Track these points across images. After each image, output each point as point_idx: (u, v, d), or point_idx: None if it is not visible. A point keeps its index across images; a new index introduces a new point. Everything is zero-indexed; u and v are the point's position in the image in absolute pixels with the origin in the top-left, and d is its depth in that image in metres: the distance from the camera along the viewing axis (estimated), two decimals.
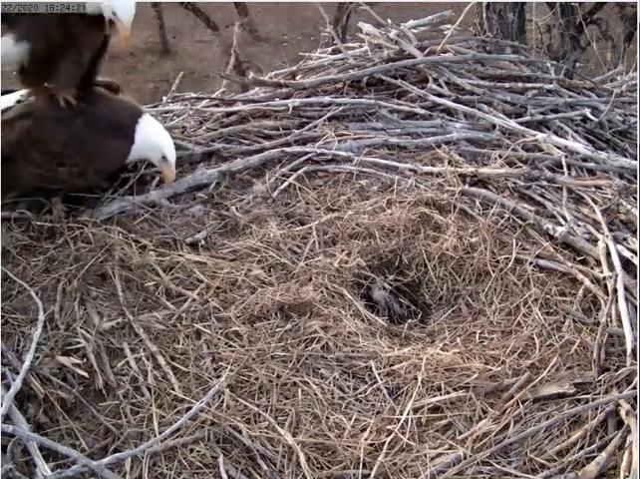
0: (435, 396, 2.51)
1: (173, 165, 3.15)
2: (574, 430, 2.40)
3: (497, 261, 3.07)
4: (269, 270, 2.98)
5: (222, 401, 2.42)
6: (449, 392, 2.52)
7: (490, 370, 2.60)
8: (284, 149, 3.63)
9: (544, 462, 2.30)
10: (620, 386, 2.51)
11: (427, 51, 4.37)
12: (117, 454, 2.19)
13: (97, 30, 2.93)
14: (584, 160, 3.72)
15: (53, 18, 2.84)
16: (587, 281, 2.97)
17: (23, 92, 3.10)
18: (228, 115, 3.95)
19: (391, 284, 3.08)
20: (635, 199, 3.35)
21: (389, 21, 4.81)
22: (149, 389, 2.47)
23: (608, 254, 3.03)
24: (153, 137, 3.13)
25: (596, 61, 7.36)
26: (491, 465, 2.29)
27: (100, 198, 3.20)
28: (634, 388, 2.45)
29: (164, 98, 4.22)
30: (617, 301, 2.81)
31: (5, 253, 2.87)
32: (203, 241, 3.08)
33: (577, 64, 7.00)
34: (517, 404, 2.47)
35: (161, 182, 3.28)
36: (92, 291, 2.79)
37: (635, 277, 2.91)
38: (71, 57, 2.96)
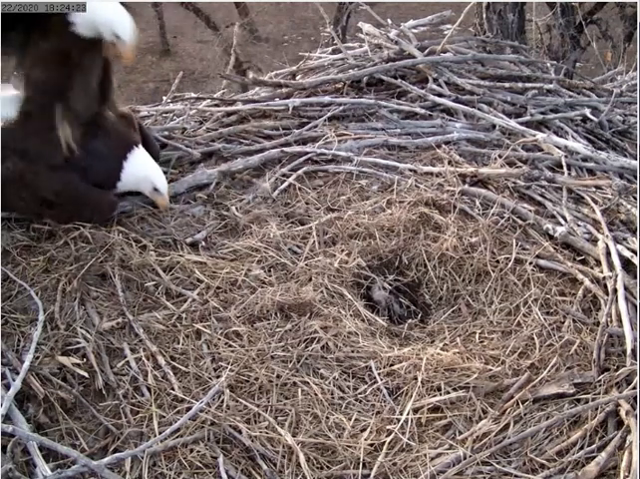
0: (435, 396, 2.51)
1: (166, 194, 3.14)
2: (574, 430, 2.40)
3: (497, 261, 3.07)
4: (269, 270, 2.98)
5: (222, 401, 2.42)
6: (449, 392, 2.52)
7: (490, 370, 2.60)
8: (284, 149, 3.63)
9: (544, 462, 2.30)
10: (620, 386, 2.51)
11: (427, 51, 4.37)
12: (117, 454, 2.19)
13: (96, 53, 2.90)
14: (584, 160, 3.73)
15: (48, 48, 2.80)
16: (587, 281, 2.97)
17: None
18: (228, 115, 3.95)
19: (391, 284, 3.08)
20: (635, 199, 3.35)
21: (389, 21, 4.82)
22: (149, 389, 2.47)
23: (608, 254, 3.03)
24: (140, 172, 3.10)
25: (596, 61, 7.37)
26: (491, 465, 2.29)
27: None
28: (634, 388, 2.45)
29: (165, 98, 4.22)
30: (617, 301, 2.81)
31: (5, 253, 2.87)
32: (203, 242, 3.08)
33: (577, 64, 7.02)
34: (517, 404, 2.47)
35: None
36: (92, 291, 2.79)
37: (635, 277, 2.90)
38: (78, 85, 2.92)
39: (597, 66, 7.34)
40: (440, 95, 4.16)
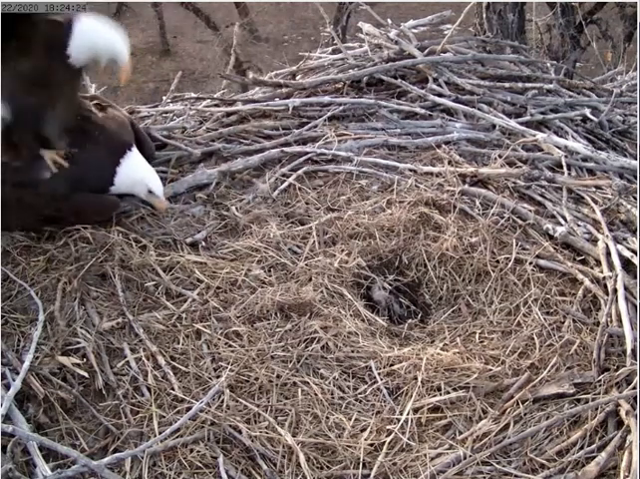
0: (435, 396, 2.51)
1: (162, 196, 3.11)
2: (574, 430, 2.40)
3: (497, 261, 3.07)
4: (269, 270, 2.98)
5: (222, 401, 2.42)
6: (449, 392, 2.52)
7: (490, 370, 2.60)
8: (284, 149, 3.63)
9: (544, 462, 2.31)
10: (620, 386, 2.51)
11: (427, 51, 4.37)
12: (117, 454, 2.19)
13: (75, 80, 2.93)
14: (584, 160, 3.73)
15: (29, 70, 2.76)
16: (587, 281, 2.97)
17: None
18: (228, 115, 3.95)
19: (391, 284, 3.08)
20: (635, 199, 3.35)
21: (389, 21, 4.81)
22: (149, 389, 2.47)
23: (608, 254, 3.03)
24: (134, 175, 3.07)
25: (596, 61, 7.38)
26: (491, 465, 2.29)
27: None
28: (634, 388, 2.45)
29: (164, 98, 4.21)
30: (617, 301, 2.81)
31: (5, 254, 2.87)
32: (203, 242, 3.08)
33: (577, 64, 7.02)
34: (517, 404, 2.47)
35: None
36: (92, 291, 2.79)
37: (635, 277, 2.90)
38: (59, 106, 2.90)
39: (597, 66, 7.35)
40: (440, 95, 4.16)
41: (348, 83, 4.26)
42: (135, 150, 3.13)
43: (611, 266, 2.97)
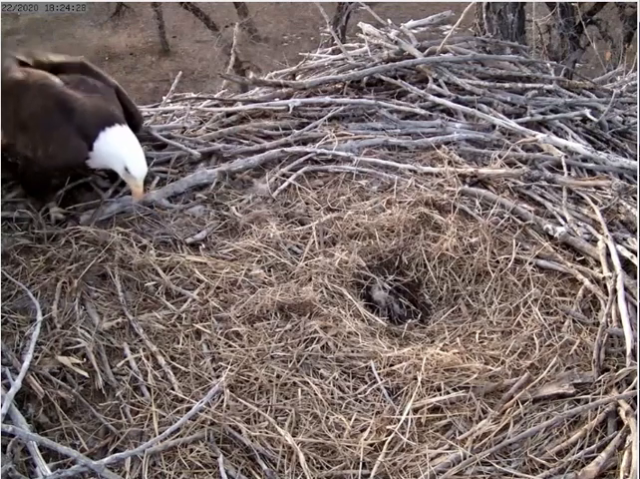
0: (435, 396, 2.51)
1: (139, 179, 2.96)
2: (574, 430, 2.40)
3: (497, 262, 3.07)
4: (269, 270, 2.98)
5: (222, 401, 2.42)
6: (449, 392, 2.52)
7: (490, 370, 2.60)
8: (284, 149, 3.63)
9: (544, 462, 2.31)
10: (620, 386, 2.51)
11: (427, 51, 4.37)
12: (117, 454, 2.19)
13: None
14: (584, 160, 3.73)
15: None
16: (587, 282, 2.97)
17: None
18: (228, 115, 3.95)
19: (391, 284, 3.08)
20: (635, 199, 3.35)
21: (389, 21, 4.81)
22: (148, 389, 2.47)
23: (608, 255, 3.03)
24: (114, 148, 2.94)
25: (596, 61, 7.38)
26: (491, 465, 2.29)
27: (100, 198, 3.20)
28: (634, 388, 2.45)
29: (164, 98, 4.21)
30: (617, 302, 2.81)
31: (5, 254, 2.87)
32: (203, 242, 3.08)
33: (577, 64, 7.02)
34: (517, 404, 2.47)
35: (161, 183, 3.18)
36: (92, 291, 2.79)
37: (635, 277, 2.91)
38: None
39: (597, 66, 7.35)
40: (439, 95, 4.16)
41: (348, 83, 4.26)
42: (123, 126, 2.99)
43: (611, 267, 2.97)
